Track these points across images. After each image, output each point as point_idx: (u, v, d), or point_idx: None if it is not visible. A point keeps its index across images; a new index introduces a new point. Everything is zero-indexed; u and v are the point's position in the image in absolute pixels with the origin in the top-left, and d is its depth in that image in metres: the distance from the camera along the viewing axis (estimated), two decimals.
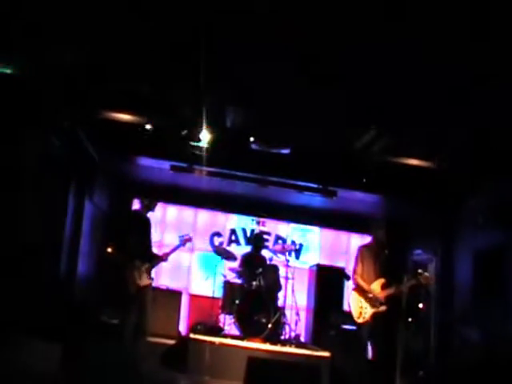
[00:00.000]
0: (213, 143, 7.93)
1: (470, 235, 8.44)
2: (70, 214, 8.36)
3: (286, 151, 8.10)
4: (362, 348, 6.60)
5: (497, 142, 7.04)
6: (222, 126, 7.62)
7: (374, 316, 6.31)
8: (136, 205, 8.76)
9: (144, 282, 6.54)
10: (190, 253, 10.55)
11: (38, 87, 6.64)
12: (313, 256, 10.91)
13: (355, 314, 6.43)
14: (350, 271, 7.43)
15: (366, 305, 6.35)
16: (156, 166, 9.28)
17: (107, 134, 8.14)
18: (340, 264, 10.27)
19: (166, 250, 7.12)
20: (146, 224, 6.86)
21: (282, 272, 9.17)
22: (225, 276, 9.14)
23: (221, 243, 10.67)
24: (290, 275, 9.05)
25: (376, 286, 6.37)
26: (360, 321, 6.35)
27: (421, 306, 8.66)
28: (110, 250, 7.67)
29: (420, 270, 8.83)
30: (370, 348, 6.60)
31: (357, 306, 6.45)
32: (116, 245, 7.17)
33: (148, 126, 7.66)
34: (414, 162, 8.09)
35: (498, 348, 6.89)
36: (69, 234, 8.34)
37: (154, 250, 7.01)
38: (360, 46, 5.39)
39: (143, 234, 6.77)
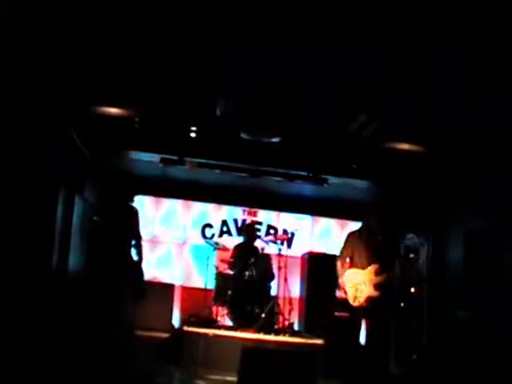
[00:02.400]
0: (202, 134, 7.89)
1: (461, 218, 8.45)
2: (60, 209, 8.30)
3: (276, 140, 8.07)
4: (355, 334, 6.61)
5: (486, 126, 7.05)
6: (211, 117, 7.58)
7: (369, 300, 6.29)
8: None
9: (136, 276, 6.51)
10: (181, 245, 10.55)
11: (26, 83, 6.57)
12: (305, 244, 10.91)
13: (350, 298, 6.39)
14: None
15: (361, 288, 6.31)
16: (146, 160, 9.24)
17: (97, 128, 8.08)
18: (332, 252, 10.26)
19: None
20: (132, 216, 6.78)
21: (274, 261, 9.17)
22: (217, 267, 9.13)
23: (212, 235, 10.67)
24: (282, 264, 9.05)
25: (370, 272, 6.36)
26: (355, 304, 6.32)
27: (413, 290, 8.68)
28: (101, 244, 7.63)
29: (412, 255, 8.90)
30: (363, 333, 6.60)
31: (352, 290, 6.41)
32: (106, 240, 7.12)
33: (137, 120, 7.61)
34: (404, 146, 8.08)
35: (490, 330, 6.92)
36: (59, 230, 8.28)
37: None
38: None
39: (130, 226, 6.70)
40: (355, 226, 9.26)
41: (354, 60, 5.94)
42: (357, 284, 6.30)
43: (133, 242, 6.71)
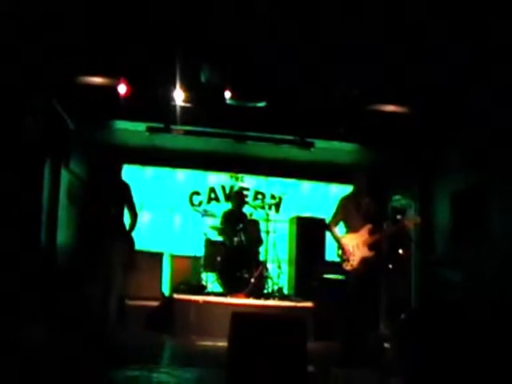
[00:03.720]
0: (188, 101, 7.82)
1: (447, 178, 8.48)
2: (47, 183, 8.24)
3: (261, 105, 8.01)
4: (345, 296, 6.66)
5: (470, 85, 7.03)
6: (196, 83, 7.50)
7: (362, 261, 6.32)
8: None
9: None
10: (169, 213, 10.55)
11: (7, 55, 6.45)
12: (293, 209, 10.93)
13: (343, 261, 6.41)
14: None
15: (354, 251, 6.33)
16: (132, 129, 9.16)
17: (80, 99, 7.98)
18: (320, 215, 10.29)
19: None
20: (123, 190, 6.68)
21: (262, 226, 9.20)
22: (206, 234, 9.14)
23: (200, 202, 10.66)
24: (270, 229, 9.08)
25: (364, 233, 6.38)
26: (348, 268, 6.35)
27: (401, 251, 8.76)
28: (88, 218, 7.59)
29: (399, 216, 8.95)
30: (354, 295, 6.65)
31: (345, 254, 6.43)
32: (94, 212, 7.06)
33: (121, 88, 7.51)
34: (389, 108, 8.06)
35: (478, 289, 7.00)
36: (46, 205, 8.24)
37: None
38: None
39: (121, 198, 6.62)
40: (342, 188, 9.33)
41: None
42: (350, 249, 6.34)
43: (127, 214, 6.64)
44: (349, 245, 6.33)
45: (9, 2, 5.52)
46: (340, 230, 6.59)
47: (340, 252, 6.44)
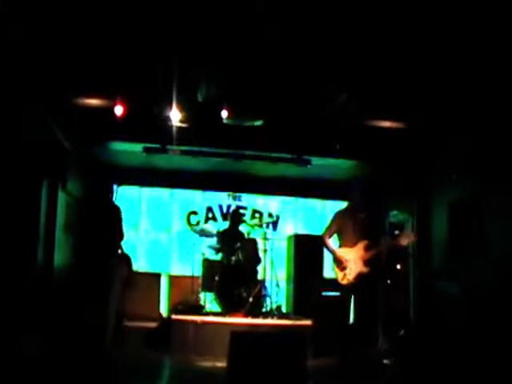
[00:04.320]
0: (184, 121, 7.85)
1: (444, 192, 8.48)
2: (44, 205, 8.24)
3: (258, 123, 8.04)
4: (344, 312, 6.63)
5: (467, 98, 7.07)
6: (192, 103, 7.53)
7: (358, 276, 6.29)
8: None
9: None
10: (167, 233, 10.54)
11: (4, 76, 6.49)
12: (290, 227, 10.92)
13: (339, 276, 6.39)
14: None
15: (350, 266, 6.30)
16: (129, 150, 9.18)
17: (77, 120, 8.02)
18: (318, 233, 10.27)
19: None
20: (113, 212, 6.73)
21: (260, 245, 9.18)
22: (203, 254, 9.13)
23: (198, 221, 10.67)
24: (268, 247, 9.07)
25: (359, 248, 6.36)
26: (344, 282, 6.32)
27: (399, 267, 8.74)
28: (85, 238, 7.58)
29: (397, 231, 8.94)
30: (351, 311, 6.63)
31: (341, 265, 6.40)
32: (91, 234, 7.07)
33: (118, 109, 7.55)
34: (385, 123, 8.09)
35: (477, 302, 6.97)
36: (43, 226, 8.24)
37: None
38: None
39: (112, 222, 6.66)
40: (339, 205, 9.32)
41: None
42: (346, 261, 6.30)
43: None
44: (345, 258, 6.30)
45: (5, 20, 5.56)
46: (334, 243, 6.58)
47: (335, 265, 6.39)
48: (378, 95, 7.31)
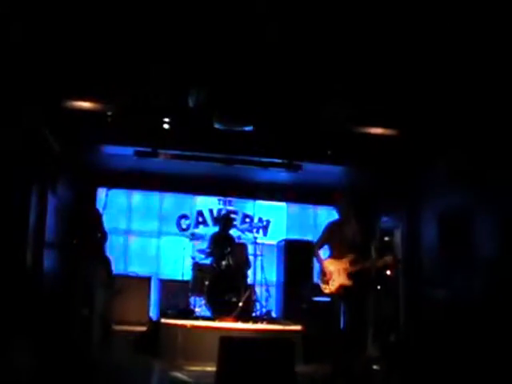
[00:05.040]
0: (175, 125, 7.84)
1: (434, 199, 8.52)
2: (33, 208, 8.20)
3: (248, 128, 8.04)
4: (333, 318, 6.67)
5: (458, 108, 7.11)
6: (183, 108, 7.52)
7: (340, 288, 6.37)
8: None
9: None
10: (157, 237, 10.52)
11: None
12: (280, 232, 10.94)
13: (322, 286, 6.47)
14: None
15: (333, 277, 6.37)
16: (120, 153, 9.16)
17: (68, 123, 7.98)
18: (308, 238, 10.30)
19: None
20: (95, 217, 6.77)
21: (250, 250, 9.18)
22: (193, 258, 9.12)
23: (188, 226, 10.64)
24: (258, 252, 9.07)
25: (345, 262, 6.41)
26: (326, 291, 6.41)
27: (388, 272, 8.76)
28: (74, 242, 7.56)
29: (387, 238, 8.98)
30: (341, 317, 6.67)
31: (324, 277, 6.49)
32: (79, 237, 7.08)
33: (109, 113, 7.53)
34: (377, 130, 8.12)
35: (466, 308, 7.00)
36: (33, 229, 8.19)
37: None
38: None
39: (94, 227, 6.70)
40: (329, 211, 9.35)
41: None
42: (330, 273, 6.37)
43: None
44: (330, 269, 6.39)
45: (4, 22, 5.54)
46: (324, 252, 6.63)
47: (321, 275, 6.51)
48: (371, 102, 7.35)
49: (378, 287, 8.52)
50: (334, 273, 6.35)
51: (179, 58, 6.34)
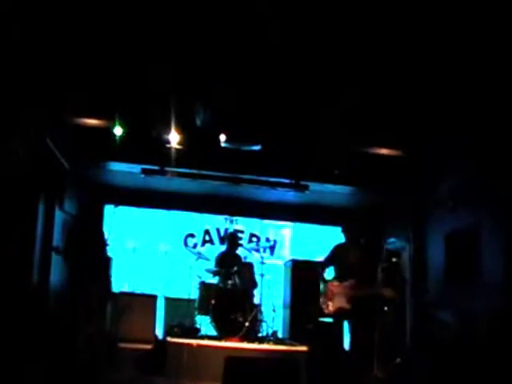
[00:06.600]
0: (183, 144, 7.88)
1: (441, 220, 8.50)
2: (41, 223, 8.23)
3: (256, 148, 8.07)
4: (334, 339, 6.66)
5: (464, 128, 7.14)
6: (191, 126, 7.57)
7: (338, 311, 6.39)
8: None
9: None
10: (164, 255, 10.52)
11: (3, 96, 6.53)
12: (287, 252, 10.91)
13: (322, 306, 6.49)
14: None
15: (333, 299, 6.39)
16: (127, 170, 9.20)
17: (76, 140, 8.04)
18: (315, 258, 10.27)
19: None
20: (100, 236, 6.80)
21: (257, 269, 9.16)
22: (200, 277, 9.09)
23: (195, 244, 10.64)
24: (265, 272, 9.04)
25: (347, 286, 6.41)
26: (325, 311, 6.45)
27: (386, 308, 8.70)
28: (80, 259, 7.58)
29: (394, 259, 8.94)
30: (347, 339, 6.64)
31: (325, 297, 6.51)
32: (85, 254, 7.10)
33: (117, 130, 7.58)
34: (383, 151, 8.14)
35: (473, 330, 6.95)
36: (39, 245, 8.21)
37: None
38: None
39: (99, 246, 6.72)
40: (336, 231, 9.33)
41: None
42: (332, 294, 6.38)
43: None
44: (332, 290, 6.39)
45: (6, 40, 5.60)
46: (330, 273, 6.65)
47: (323, 294, 6.57)
48: (378, 123, 7.39)
49: (385, 308, 8.46)
50: (335, 294, 6.37)
51: (187, 77, 6.40)
